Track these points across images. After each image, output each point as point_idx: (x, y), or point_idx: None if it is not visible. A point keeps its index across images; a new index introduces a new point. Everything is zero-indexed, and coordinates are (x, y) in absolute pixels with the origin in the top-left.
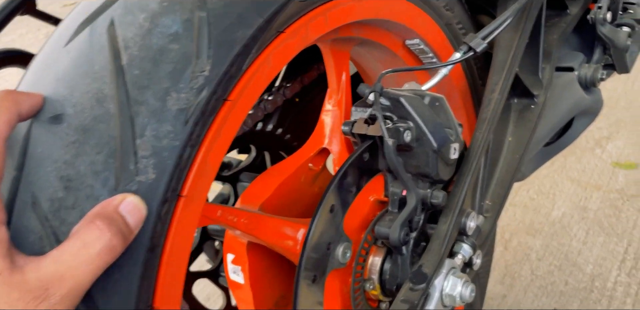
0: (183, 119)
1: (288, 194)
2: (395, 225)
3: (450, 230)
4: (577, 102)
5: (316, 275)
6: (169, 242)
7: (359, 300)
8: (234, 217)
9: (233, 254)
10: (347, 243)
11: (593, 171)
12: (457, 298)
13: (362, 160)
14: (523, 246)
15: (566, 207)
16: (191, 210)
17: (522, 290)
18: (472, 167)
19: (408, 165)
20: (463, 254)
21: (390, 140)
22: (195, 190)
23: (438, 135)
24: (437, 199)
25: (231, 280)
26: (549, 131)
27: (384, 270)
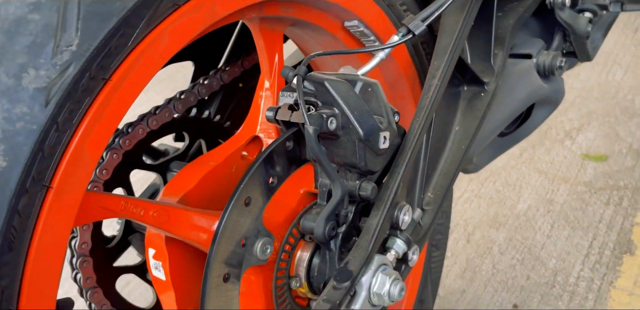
0: (42, 100)
1: (216, 185)
2: (319, 218)
3: (380, 224)
4: (534, 91)
5: (229, 273)
6: (36, 238)
7: (284, 298)
8: (140, 209)
9: (154, 249)
10: (267, 238)
11: (562, 163)
12: (385, 297)
13: (285, 149)
14: (486, 239)
15: (532, 200)
16: (65, 204)
17: (482, 285)
18: (407, 158)
19: (334, 155)
20: (396, 249)
21: (311, 128)
22: (68, 181)
23: (365, 123)
24: (365, 192)
25: (154, 277)
26: (502, 121)
27: (312, 266)
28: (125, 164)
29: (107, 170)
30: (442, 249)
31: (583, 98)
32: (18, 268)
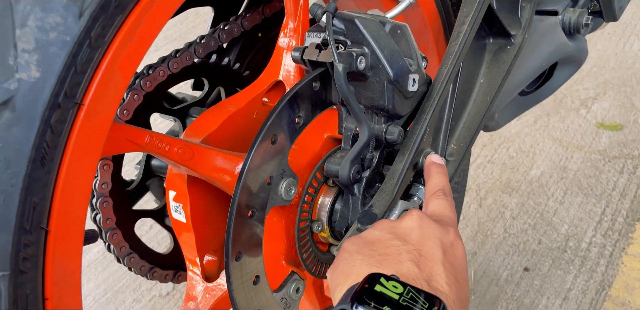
0: (76, 11)
1: (237, 129)
2: (345, 161)
3: (405, 169)
4: (558, 48)
5: (254, 211)
6: (67, 157)
7: (306, 242)
8: (165, 144)
9: (174, 191)
10: (292, 179)
11: (576, 131)
12: None
13: (311, 90)
14: (498, 204)
15: (545, 167)
16: (96, 124)
17: (493, 248)
18: (435, 104)
19: (362, 96)
20: (420, 196)
21: (340, 66)
22: (99, 100)
23: (395, 64)
24: (392, 135)
25: (174, 219)
26: (525, 77)
27: (334, 211)
28: (146, 106)
29: (128, 111)
30: (457, 208)
31: (599, 67)
32: (49, 185)
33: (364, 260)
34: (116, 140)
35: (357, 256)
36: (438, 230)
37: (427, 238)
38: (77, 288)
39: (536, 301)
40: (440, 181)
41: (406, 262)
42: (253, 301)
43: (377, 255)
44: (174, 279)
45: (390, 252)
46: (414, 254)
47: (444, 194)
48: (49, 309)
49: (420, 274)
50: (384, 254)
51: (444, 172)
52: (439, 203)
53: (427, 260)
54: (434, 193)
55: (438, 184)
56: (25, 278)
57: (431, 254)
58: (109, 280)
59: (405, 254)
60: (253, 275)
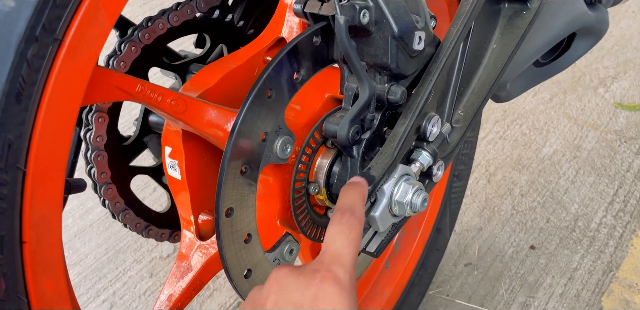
0: None
1: (236, 86)
2: (344, 120)
3: (407, 132)
4: (578, 17)
5: (247, 167)
6: (47, 96)
7: (301, 203)
8: (157, 95)
9: (170, 147)
10: (288, 137)
11: (593, 110)
12: (407, 207)
13: (312, 45)
14: (507, 181)
15: (559, 145)
16: (78, 64)
17: (499, 225)
18: (442, 65)
19: (365, 53)
20: (421, 161)
21: (342, 18)
22: (81, 39)
23: (401, 19)
24: (394, 96)
25: (169, 176)
26: (541, 46)
27: (332, 173)
28: (144, 60)
29: (125, 63)
30: (463, 181)
31: (621, 46)
32: (27, 124)
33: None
34: (106, 87)
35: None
36: (295, 290)
37: (277, 304)
38: (56, 233)
39: (540, 279)
40: (344, 199)
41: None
42: (244, 259)
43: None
44: (170, 238)
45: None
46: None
47: (341, 214)
48: (26, 253)
49: None
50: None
51: (355, 188)
52: (329, 232)
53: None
54: (332, 216)
55: (340, 203)
56: (0, 218)
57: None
58: (111, 240)
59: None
60: (244, 234)
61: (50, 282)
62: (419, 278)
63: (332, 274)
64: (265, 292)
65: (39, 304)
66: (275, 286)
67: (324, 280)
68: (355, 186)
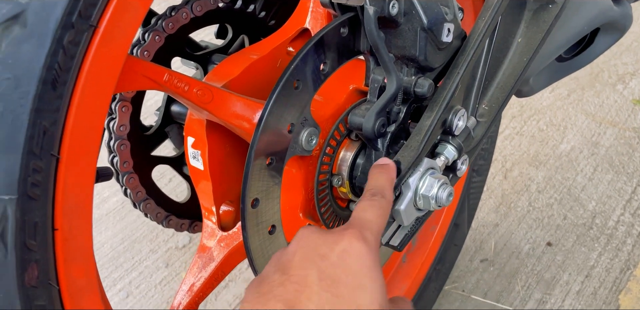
0: None
1: (259, 77)
2: (370, 113)
3: (433, 125)
4: (602, 12)
5: (273, 158)
6: (81, 82)
7: (325, 195)
8: (184, 84)
9: (193, 138)
10: (313, 129)
11: (611, 107)
12: (432, 200)
13: (339, 36)
14: (524, 177)
15: (576, 141)
16: (111, 51)
17: (516, 221)
18: (469, 58)
19: (392, 45)
20: (446, 155)
21: (372, 9)
22: (115, 25)
23: (430, 11)
24: (421, 88)
25: (191, 166)
26: (565, 41)
27: (356, 166)
28: (167, 49)
29: (149, 52)
30: (482, 176)
31: None
32: (61, 111)
33: (247, 307)
34: (133, 76)
35: (245, 305)
36: (323, 244)
37: (306, 258)
38: (87, 221)
39: (557, 276)
40: (374, 182)
41: (271, 300)
42: (267, 251)
43: (256, 298)
44: (189, 228)
45: (266, 291)
46: (285, 286)
47: (372, 195)
48: (58, 240)
49: (284, 308)
50: (262, 294)
51: (384, 172)
52: (359, 206)
53: (298, 286)
54: (362, 195)
55: (370, 186)
56: (34, 205)
57: (303, 278)
58: (127, 229)
59: (277, 289)
60: (269, 225)
61: (80, 270)
62: (436, 273)
63: (361, 234)
64: (291, 248)
65: (69, 291)
66: (303, 241)
67: (352, 237)
68: (384, 169)
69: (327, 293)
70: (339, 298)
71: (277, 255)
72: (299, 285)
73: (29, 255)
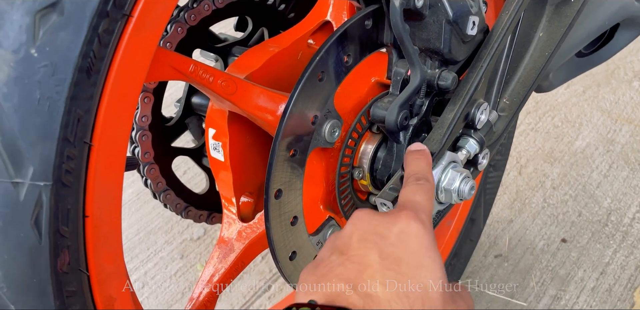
0: None
1: (280, 70)
2: (393, 105)
3: (456, 119)
4: (623, 7)
5: (296, 150)
6: (114, 71)
7: (345, 187)
8: (209, 75)
9: (214, 129)
10: (336, 121)
11: (627, 104)
12: (454, 194)
13: (363, 28)
14: (539, 173)
15: (592, 138)
16: (144, 40)
17: (530, 217)
18: (493, 52)
19: (417, 38)
20: (468, 149)
21: (397, 1)
22: (147, 15)
23: (456, 4)
24: (445, 81)
25: (212, 157)
26: (586, 35)
27: (377, 159)
28: (189, 41)
29: (171, 44)
30: (499, 171)
31: None
32: (94, 99)
33: (303, 290)
34: (161, 66)
35: (302, 287)
36: (380, 224)
37: (364, 239)
38: (117, 208)
39: (572, 273)
40: (415, 167)
41: (334, 279)
42: (289, 242)
43: (315, 280)
44: (207, 219)
45: (325, 272)
46: (345, 265)
47: (416, 180)
48: (88, 227)
49: (347, 286)
50: (320, 276)
51: (422, 157)
52: (406, 190)
53: (359, 266)
54: (406, 181)
55: (412, 171)
56: (67, 192)
57: (364, 257)
58: (142, 221)
59: (337, 268)
60: (291, 216)
61: (109, 257)
62: (452, 268)
63: (416, 215)
64: (347, 230)
65: (98, 277)
66: (359, 223)
67: (409, 218)
68: (421, 154)
69: (391, 271)
70: (402, 275)
71: (331, 238)
72: (360, 265)
73: (61, 241)
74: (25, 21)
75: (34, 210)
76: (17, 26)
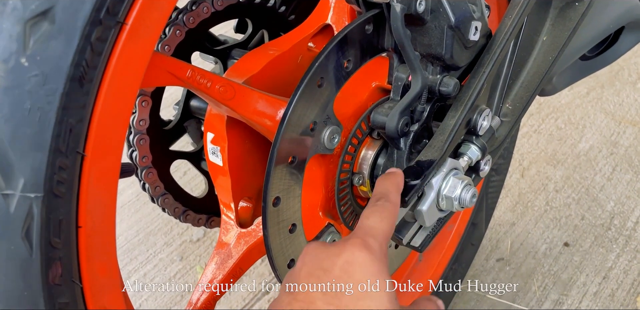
0: None
1: (280, 74)
2: (394, 111)
3: (457, 125)
4: (629, 10)
5: (295, 157)
6: (107, 79)
7: (345, 194)
8: (207, 81)
9: (213, 133)
10: (335, 127)
11: (631, 106)
12: (455, 202)
13: (363, 33)
14: (541, 176)
15: (595, 140)
16: (138, 47)
17: (533, 221)
18: (496, 57)
19: (418, 43)
20: (470, 155)
21: (399, 6)
22: (142, 22)
23: (458, 9)
24: (447, 87)
25: (210, 162)
26: (591, 39)
27: (377, 165)
28: (188, 44)
29: (170, 47)
30: (502, 175)
31: None
32: (87, 108)
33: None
34: (157, 72)
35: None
36: (326, 258)
37: (309, 275)
38: (111, 218)
39: (574, 277)
40: (378, 188)
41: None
42: (288, 249)
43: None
44: (206, 223)
45: None
46: (292, 305)
47: (375, 200)
48: (81, 237)
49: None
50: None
51: (389, 177)
52: (364, 213)
53: (304, 304)
54: (368, 202)
55: (374, 192)
56: (59, 202)
57: (308, 295)
58: (142, 222)
59: (286, 308)
60: (290, 224)
61: (102, 267)
62: (453, 273)
63: (362, 241)
64: (297, 266)
65: (91, 288)
66: (307, 258)
67: (354, 248)
68: (390, 176)
69: (331, 306)
70: (344, 308)
71: (288, 274)
72: (305, 303)
73: (53, 253)
74: (16, 30)
75: (24, 223)
76: (7, 35)
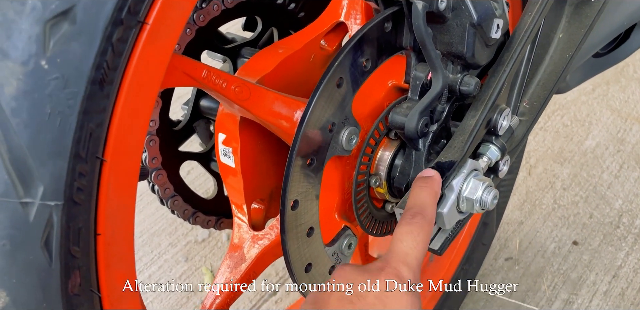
0: None
1: (293, 73)
2: (413, 112)
3: (478, 125)
4: None
5: (313, 159)
6: (127, 81)
7: (362, 196)
8: (222, 81)
9: (224, 134)
10: (354, 128)
11: (637, 103)
12: (477, 204)
13: (382, 31)
14: (549, 174)
15: (602, 138)
16: (158, 48)
17: (541, 219)
18: (516, 55)
19: (439, 41)
20: (489, 156)
21: (420, 4)
22: (163, 22)
23: (480, 6)
24: (468, 86)
25: (221, 163)
26: (605, 36)
27: (394, 166)
28: (198, 42)
29: (180, 46)
30: (512, 174)
31: None
32: (107, 112)
33: None
34: (173, 72)
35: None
36: (360, 284)
37: (342, 298)
38: (130, 225)
39: (584, 276)
40: (414, 199)
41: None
42: (305, 253)
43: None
44: (216, 225)
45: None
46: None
47: (411, 217)
48: (100, 245)
49: None
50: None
51: (426, 186)
52: (398, 231)
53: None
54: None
55: (410, 204)
56: (79, 210)
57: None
58: (145, 222)
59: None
60: (307, 227)
61: (121, 276)
62: (464, 273)
63: (396, 271)
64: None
65: (110, 298)
66: (339, 281)
67: (388, 277)
68: (428, 183)
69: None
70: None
71: (312, 295)
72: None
73: (73, 262)
74: (35, 31)
75: (44, 232)
76: (26, 36)
